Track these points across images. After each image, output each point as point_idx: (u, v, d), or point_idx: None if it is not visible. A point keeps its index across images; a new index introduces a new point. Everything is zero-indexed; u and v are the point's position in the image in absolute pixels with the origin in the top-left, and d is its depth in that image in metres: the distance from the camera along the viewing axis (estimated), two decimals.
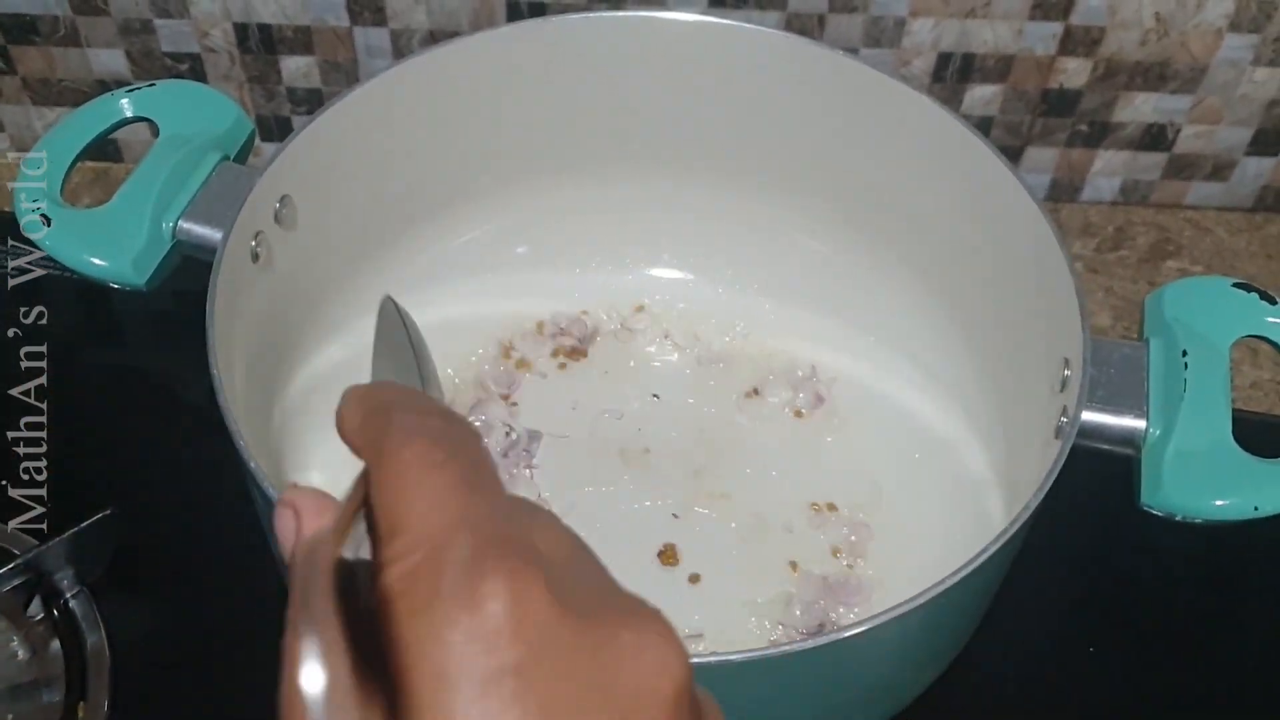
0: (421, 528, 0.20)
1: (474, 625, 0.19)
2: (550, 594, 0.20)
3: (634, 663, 0.20)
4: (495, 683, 0.19)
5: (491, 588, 0.19)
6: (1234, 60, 0.65)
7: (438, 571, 0.20)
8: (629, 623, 0.21)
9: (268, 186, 0.49)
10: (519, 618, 0.19)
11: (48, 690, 0.52)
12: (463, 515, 0.20)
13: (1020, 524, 0.42)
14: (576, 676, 0.20)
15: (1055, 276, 0.48)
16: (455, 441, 0.22)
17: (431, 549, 0.20)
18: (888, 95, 0.54)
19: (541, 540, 0.22)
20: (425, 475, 0.21)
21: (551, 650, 0.20)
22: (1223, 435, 0.45)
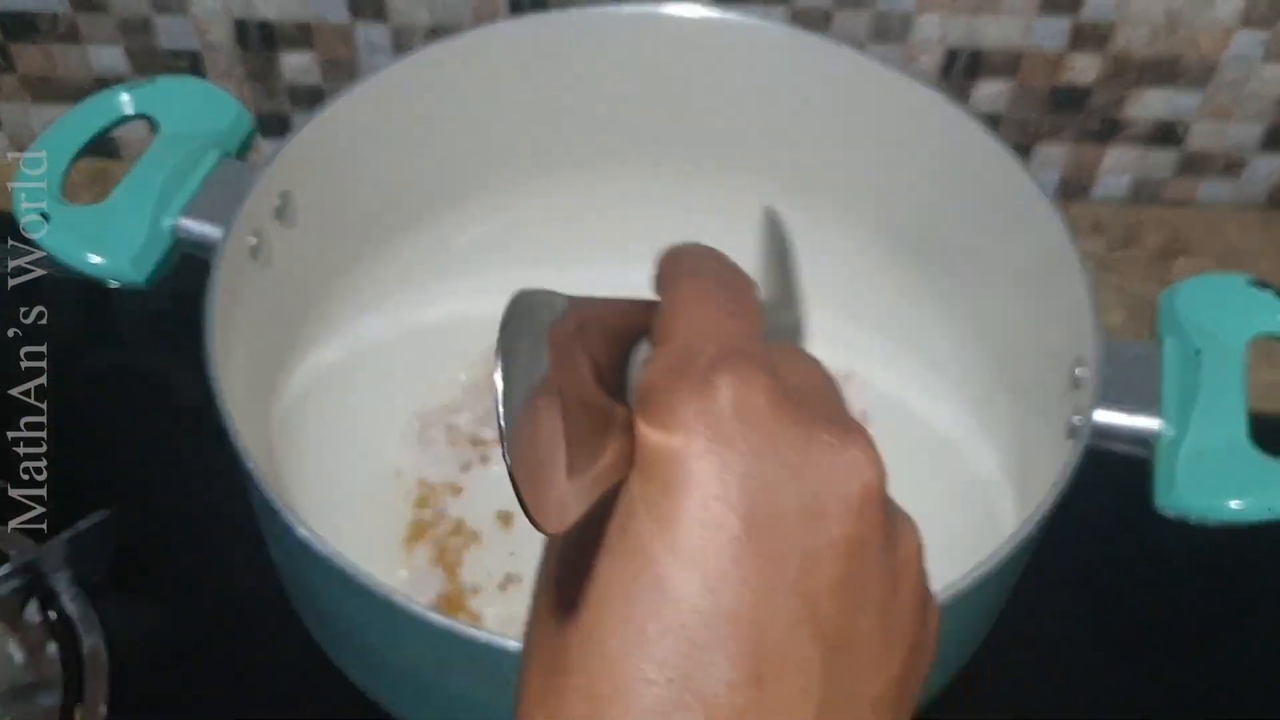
0: (681, 339, 0.25)
1: (703, 406, 0.24)
2: (772, 394, 0.24)
3: (830, 460, 0.24)
4: (712, 449, 0.23)
5: (723, 379, 0.24)
6: (1245, 56, 0.64)
7: (684, 367, 0.24)
8: (835, 431, 0.25)
9: (268, 183, 0.49)
10: (740, 405, 0.24)
11: (45, 693, 0.51)
12: (716, 332, 0.25)
13: (1034, 524, 0.41)
14: (780, 460, 0.24)
15: (1067, 275, 0.47)
16: (727, 283, 0.27)
17: (685, 352, 0.25)
18: (896, 91, 0.54)
19: (784, 364, 0.26)
20: (695, 303, 0.26)
21: (763, 434, 0.24)
22: (1238, 435, 0.45)
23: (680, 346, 0.25)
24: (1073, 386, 0.46)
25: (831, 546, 0.24)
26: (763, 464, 0.24)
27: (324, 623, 0.48)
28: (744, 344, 0.25)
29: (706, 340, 0.25)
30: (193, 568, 0.56)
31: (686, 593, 0.23)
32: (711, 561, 0.23)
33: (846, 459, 0.24)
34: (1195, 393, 0.45)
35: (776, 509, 0.24)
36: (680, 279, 0.27)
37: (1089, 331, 0.45)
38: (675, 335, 0.25)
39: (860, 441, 0.25)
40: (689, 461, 0.23)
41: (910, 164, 0.56)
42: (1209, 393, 0.45)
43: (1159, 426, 0.45)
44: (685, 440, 0.24)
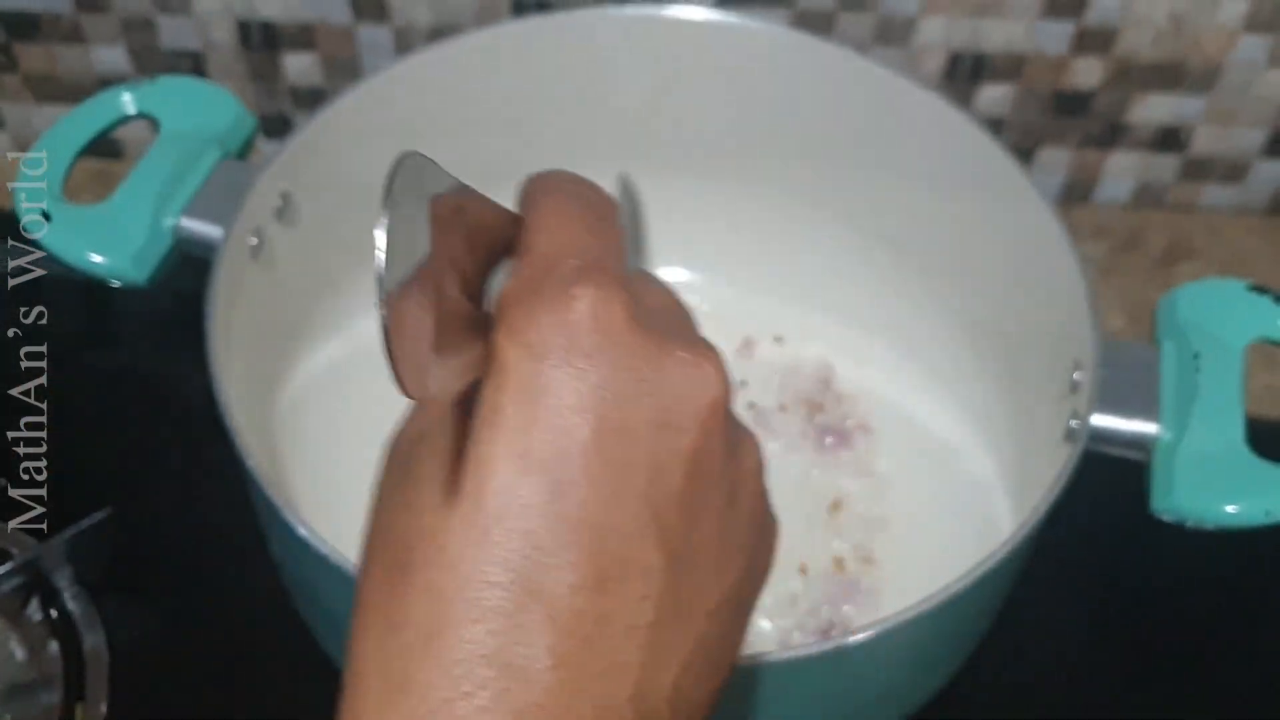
0: (543, 251, 0.26)
1: (561, 317, 0.25)
2: (628, 310, 0.25)
3: (681, 374, 0.25)
4: (568, 360, 0.24)
5: (581, 292, 0.25)
6: (1249, 61, 0.65)
7: (544, 279, 0.25)
8: (686, 347, 0.26)
9: (269, 183, 0.49)
10: (597, 318, 0.25)
11: (46, 691, 0.52)
12: (577, 247, 0.26)
13: (1031, 527, 0.42)
14: (634, 372, 0.25)
15: (1066, 279, 0.48)
16: (592, 202, 0.28)
17: (546, 265, 0.26)
18: (898, 94, 0.54)
19: (639, 282, 0.27)
20: (558, 218, 0.27)
21: (618, 348, 0.25)
22: (1235, 440, 0.45)
23: (540, 259, 0.26)
24: (1070, 390, 0.47)
25: (679, 457, 0.25)
26: (617, 376, 0.25)
27: (325, 621, 0.49)
28: (604, 260, 0.26)
29: (567, 254, 0.26)
30: (194, 567, 0.56)
31: (533, 497, 0.24)
32: (560, 468, 0.24)
33: (698, 374, 0.26)
34: (1193, 397, 0.46)
35: (628, 419, 0.25)
36: (544, 196, 0.28)
37: (1087, 335, 0.46)
38: (537, 248, 0.26)
39: (711, 358, 0.26)
40: (546, 370, 0.24)
41: (911, 168, 0.56)
42: (1207, 397, 0.46)
43: (1156, 430, 0.45)
44: (543, 348, 0.24)
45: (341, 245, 0.55)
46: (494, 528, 0.24)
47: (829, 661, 0.40)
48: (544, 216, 0.27)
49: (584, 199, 0.28)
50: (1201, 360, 0.46)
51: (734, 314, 0.62)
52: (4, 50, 0.67)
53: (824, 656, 0.39)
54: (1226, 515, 0.44)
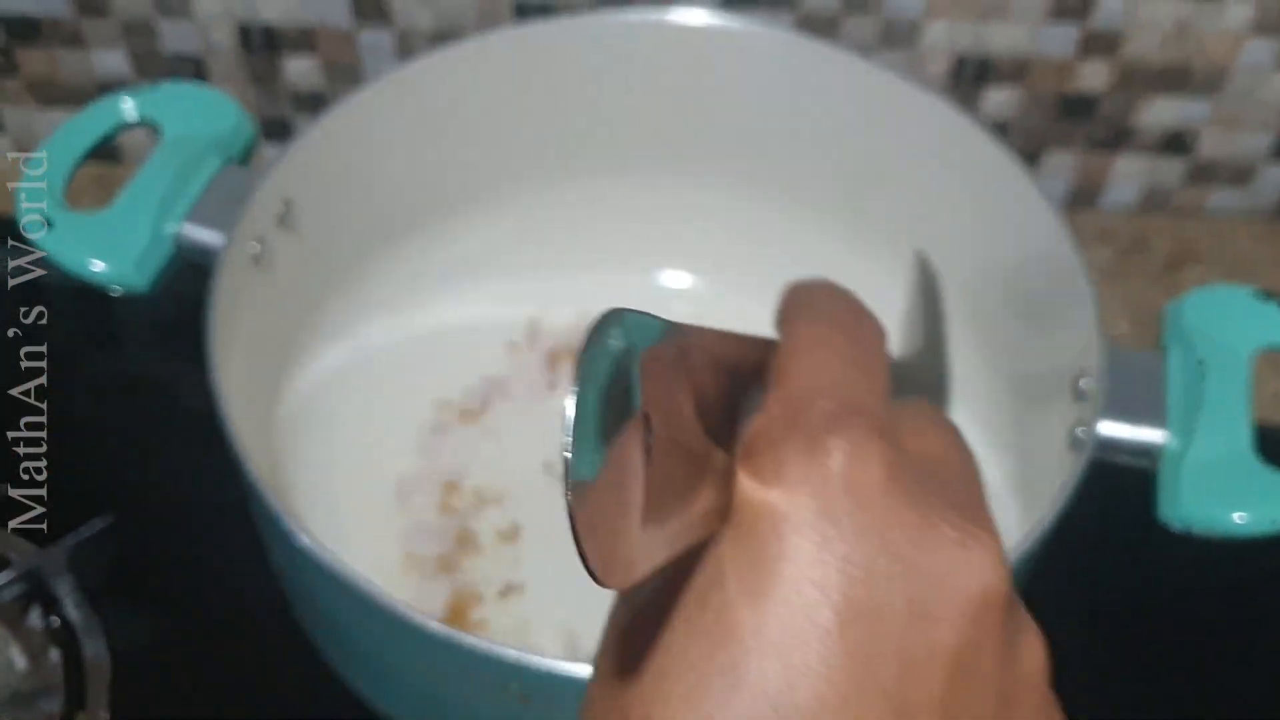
0: (794, 387, 0.23)
1: (810, 472, 0.21)
2: (888, 470, 0.22)
3: (946, 555, 0.21)
4: (813, 525, 0.21)
5: (837, 441, 0.21)
6: (1255, 65, 0.65)
7: (794, 423, 0.22)
8: (958, 524, 0.22)
9: (270, 189, 0.49)
10: (852, 477, 0.21)
11: (46, 699, 0.52)
12: (833, 385, 0.23)
13: (1038, 536, 0.42)
14: (890, 547, 0.21)
15: (1072, 285, 0.48)
16: (852, 328, 0.25)
17: (796, 404, 0.22)
18: (902, 99, 0.54)
19: (911, 430, 0.24)
20: (816, 347, 0.24)
21: (874, 514, 0.21)
22: (1243, 447, 0.45)
23: (794, 395, 0.23)
24: (1077, 398, 0.47)
25: (937, 654, 0.21)
26: (869, 549, 0.21)
27: (326, 630, 0.49)
28: (866, 401, 0.23)
29: (824, 392, 0.23)
30: (195, 575, 0.56)
31: (763, 683, 0.21)
32: (796, 652, 0.21)
33: (967, 556, 0.22)
34: (1200, 404, 0.45)
35: (878, 603, 0.21)
36: (802, 318, 0.25)
37: (1093, 343, 0.46)
38: (790, 381, 0.23)
39: (985, 538, 0.22)
40: (788, 533, 0.21)
41: (916, 172, 0.56)
42: (1214, 404, 0.45)
43: (1163, 438, 0.45)
44: (788, 505, 0.21)
45: (343, 251, 0.56)
46: (716, 710, 0.21)
47: None
48: (801, 344, 0.24)
49: (846, 323, 0.25)
50: (1208, 367, 0.46)
51: (737, 316, 0.61)
52: (5, 54, 0.67)
53: None
54: (1234, 524, 0.44)
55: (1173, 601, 0.57)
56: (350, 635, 0.46)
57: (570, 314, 0.61)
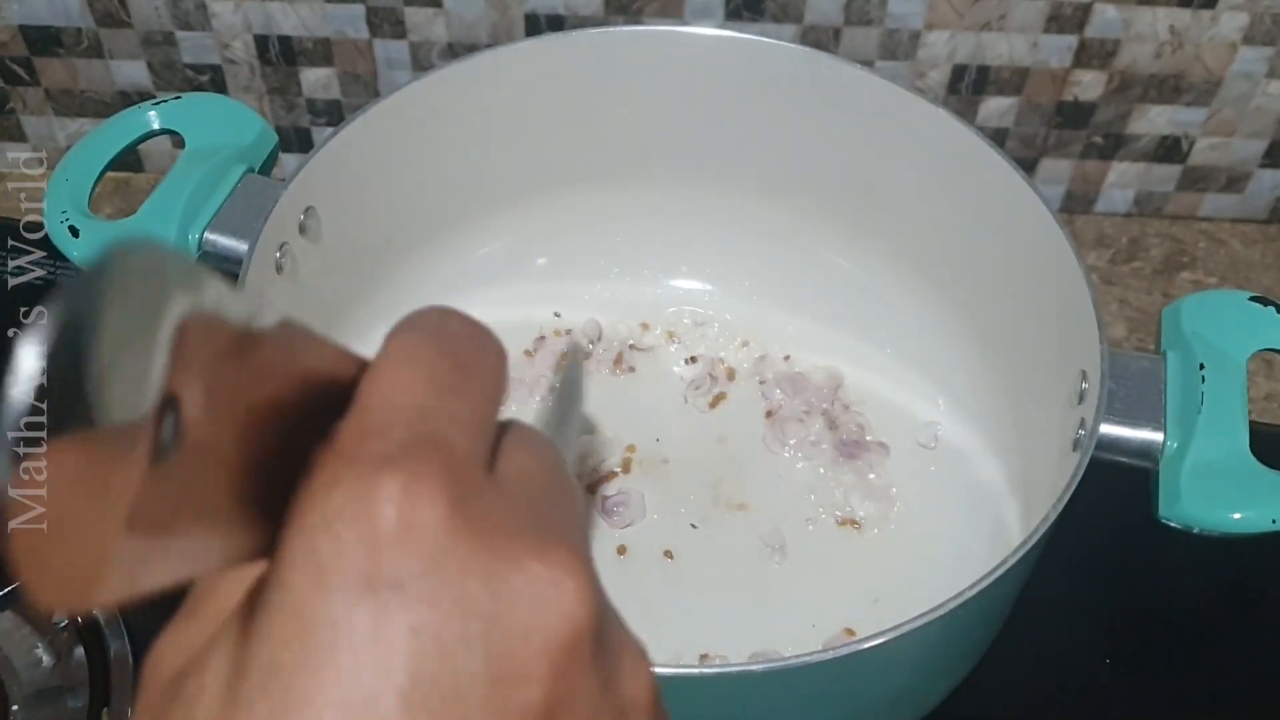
0: (370, 412, 0.19)
1: (365, 525, 0.18)
2: (452, 510, 0.18)
3: (531, 599, 0.19)
4: (370, 591, 0.18)
5: (388, 490, 0.18)
6: (1248, 73, 0.66)
7: (355, 459, 0.18)
8: (541, 556, 0.19)
9: (292, 199, 0.50)
10: (408, 526, 0.18)
11: (72, 696, 0.52)
12: (411, 412, 0.19)
13: (1039, 536, 0.42)
14: (461, 603, 0.18)
15: (1072, 289, 0.48)
16: (454, 345, 0.21)
17: (368, 434, 0.19)
18: (903, 108, 0.55)
19: (508, 457, 0.21)
20: (402, 367, 0.20)
21: (438, 568, 0.18)
22: (1240, 448, 0.46)
23: (364, 422, 0.19)
24: (1077, 399, 0.47)
25: (529, 714, 0.18)
26: (439, 614, 0.18)
27: None
28: (444, 430, 0.19)
29: (397, 418, 0.19)
30: None
31: None
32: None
33: (552, 595, 0.19)
34: (1198, 406, 0.46)
35: (455, 674, 0.18)
36: (400, 333, 0.21)
37: (1094, 345, 0.46)
38: (367, 405, 0.19)
39: (570, 565, 0.19)
40: (340, 604, 0.18)
41: (918, 180, 0.56)
42: (1211, 406, 0.46)
43: (1162, 439, 0.46)
44: (337, 566, 0.18)
45: (362, 258, 0.56)
46: None
47: (838, 668, 0.40)
48: (385, 359, 0.20)
49: (448, 338, 0.21)
50: (1206, 370, 0.47)
51: (744, 323, 0.62)
52: (26, 65, 0.67)
53: (833, 664, 0.40)
54: (1232, 522, 0.45)
55: (1172, 599, 0.57)
56: None
57: (585, 319, 0.62)
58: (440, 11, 0.64)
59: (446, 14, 0.64)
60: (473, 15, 0.64)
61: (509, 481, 0.20)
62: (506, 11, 0.64)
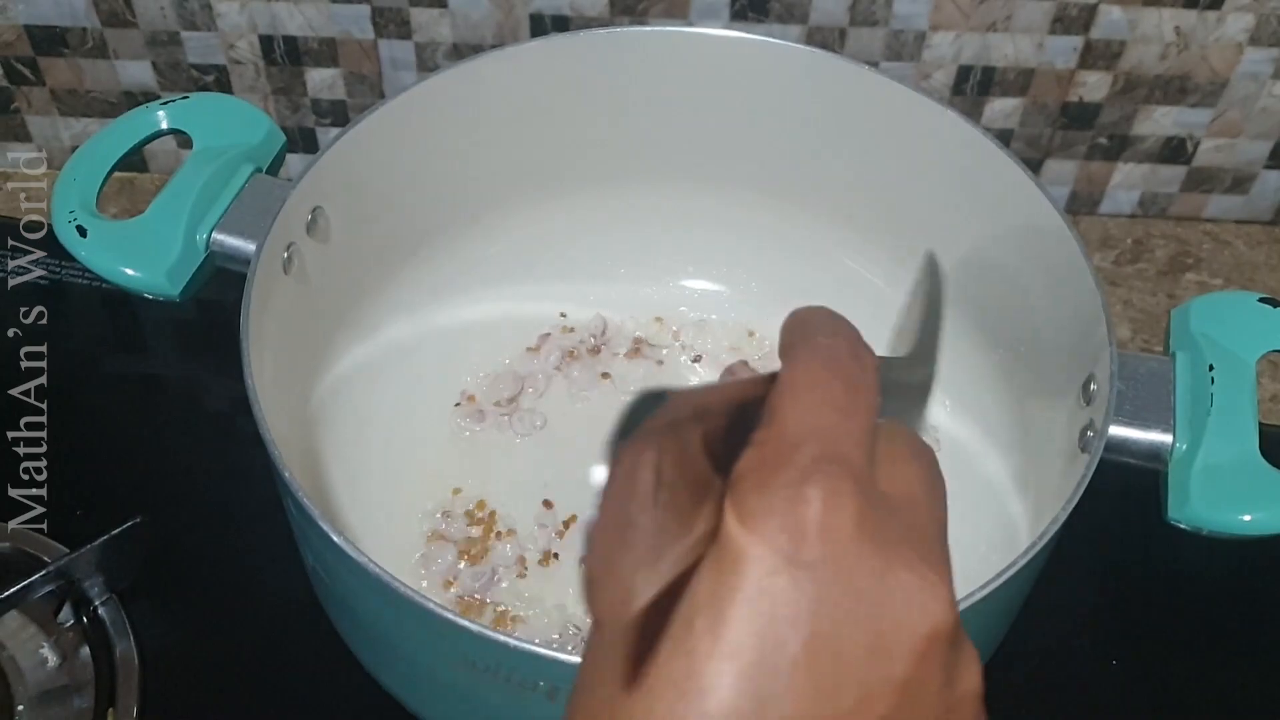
0: (785, 428, 0.24)
1: (787, 519, 0.23)
2: (859, 518, 0.23)
3: (904, 598, 0.24)
4: (788, 567, 0.23)
5: (811, 494, 0.23)
6: (1254, 74, 0.65)
7: (780, 466, 0.24)
8: (916, 568, 0.24)
9: (300, 199, 0.50)
10: (826, 525, 0.23)
11: (78, 696, 0.52)
12: (820, 430, 0.24)
13: (1047, 539, 0.42)
14: (854, 589, 0.23)
15: (1080, 290, 0.48)
16: (845, 368, 0.26)
17: (785, 446, 0.24)
18: (910, 108, 0.54)
19: (889, 473, 0.26)
20: (807, 389, 0.25)
21: (840, 560, 0.23)
22: (1250, 450, 0.45)
23: (781, 435, 0.24)
24: (1086, 400, 0.47)
25: (890, 686, 0.24)
26: (836, 591, 0.23)
27: (355, 627, 0.49)
28: (847, 450, 0.24)
29: (810, 437, 0.24)
30: (223, 574, 0.56)
31: (735, 707, 0.23)
32: (766, 682, 0.23)
33: (920, 599, 0.24)
34: (1207, 408, 0.46)
35: (841, 640, 0.23)
36: (798, 357, 0.26)
37: (1103, 346, 0.46)
38: (781, 422, 0.25)
39: (936, 579, 0.24)
40: (767, 572, 0.23)
41: (925, 180, 0.56)
42: (1221, 408, 0.46)
43: (1171, 441, 0.46)
44: (768, 545, 0.23)
45: (369, 257, 0.56)
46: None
47: None
48: (793, 384, 0.25)
49: (840, 363, 0.26)
50: (1215, 372, 0.47)
51: (750, 323, 0.62)
52: (31, 65, 0.67)
53: None
54: (1242, 524, 0.44)
55: (1179, 601, 0.57)
56: (381, 632, 0.46)
57: (590, 317, 0.62)
58: (445, 12, 0.64)
59: (451, 14, 0.64)
60: (478, 15, 0.64)
61: (894, 494, 0.25)
62: (511, 12, 0.64)
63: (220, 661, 0.54)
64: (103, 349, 0.64)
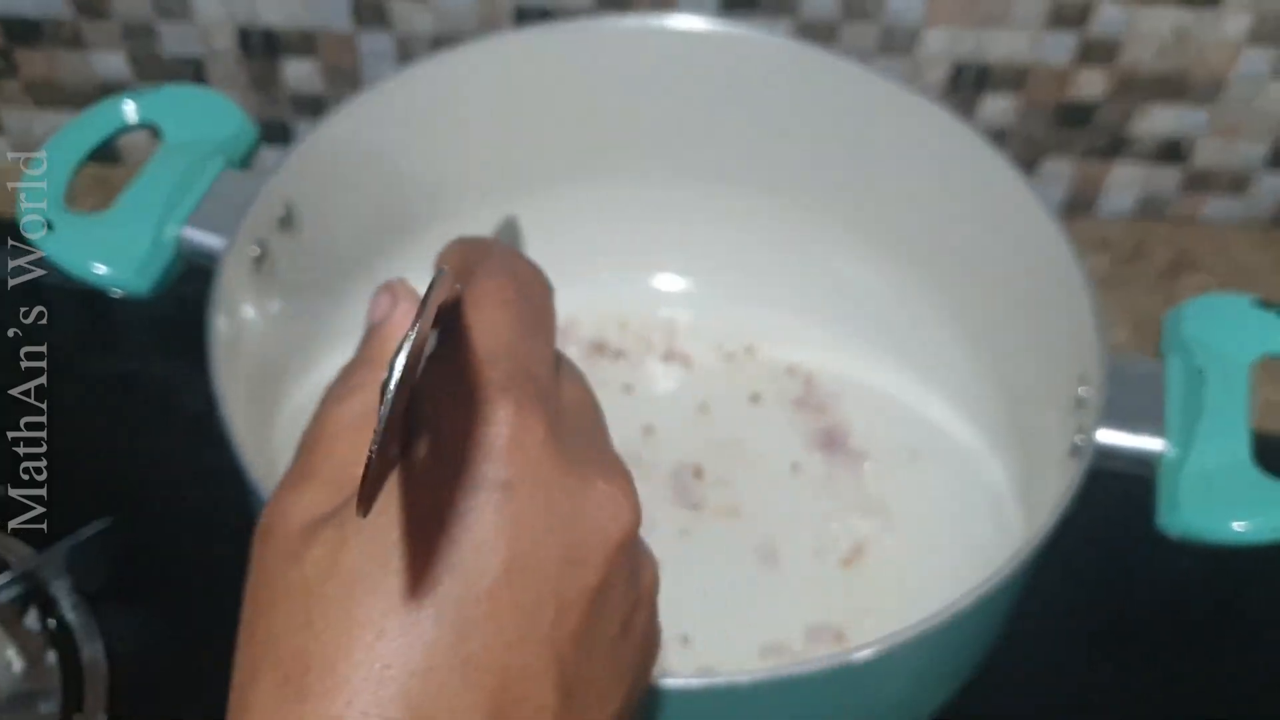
0: (477, 343, 0.25)
1: (481, 436, 0.24)
2: (548, 432, 0.25)
3: (596, 506, 0.25)
4: (485, 488, 0.24)
5: (503, 413, 0.24)
6: (1253, 75, 0.65)
7: (475, 384, 0.25)
8: (605, 475, 0.26)
9: (272, 193, 0.49)
10: (517, 443, 0.24)
11: (44, 701, 0.52)
12: (510, 348, 0.25)
13: (1036, 545, 0.42)
14: (549, 504, 0.24)
15: (1071, 292, 0.48)
16: (529, 289, 0.27)
17: (477, 361, 0.25)
18: (900, 106, 0.54)
19: (566, 389, 0.27)
20: (496, 307, 0.26)
21: (535, 476, 0.24)
22: (1241, 456, 0.45)
23: (472, 350, 0.25)
24: (1076, 405, 0.47)
25: (584, 594, 0.25)
26: (532, 509, 0.24)
27: None
28: (534, 365, 0.25)
29: (500, 353, 0.25)
30: (193, 577, 0.56)
31: (436, 636, 0.23)
32: (466, 607, 0.23)
33: (612, 508, 0.25)
34: (1199, 413, 0.46)
35: (539, 557, 0.24)
36: (489, 273, 0.27)
37: (1093, 351, 0.46)
38: (473, 337, 0.26)
39: (625, 486, 0.26)
40: (461, 498, 0.24)
41: (916, 179, 0.56)
42: (1213, 413, 0.46)
43: (1162, 447, 0.45)
44: (460, 470, 0.24)
45: (343, 254, 0.56)
46: (395, 663, 0.23)
47: (831, 679, 0.40)
48: (483, 296, 0.26)
49: (523, 282, 0.27)
50: (1207, 376, 0.46)
51: (734, 320, 0.62)
52: (4, 55, 0.67)
53: (826, 675, 0.39)
54: (1234, 533, 0.44)
55: (1171, 608, 0.57)
56: None
57: (571, 315, 0.62)
58: (427, 4, 0.63)
59: (433, 6, 0.63)
60: (460, 6, 0.63)
61: (571, 410, 0.27)
62: (494, 3, 0.63)
63: (189, 667, 0.54)
64: (71, 347, 0.63)
